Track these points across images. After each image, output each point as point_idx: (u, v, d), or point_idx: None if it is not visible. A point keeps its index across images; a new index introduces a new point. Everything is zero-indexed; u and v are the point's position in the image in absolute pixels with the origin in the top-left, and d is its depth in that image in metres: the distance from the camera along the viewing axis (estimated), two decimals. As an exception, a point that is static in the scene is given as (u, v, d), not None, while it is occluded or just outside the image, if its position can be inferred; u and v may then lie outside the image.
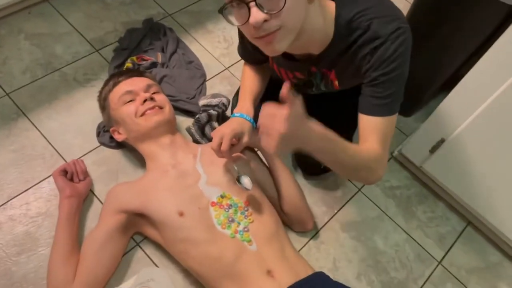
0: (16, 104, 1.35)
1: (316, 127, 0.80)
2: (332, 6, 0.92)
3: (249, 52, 1.14)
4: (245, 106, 1.15)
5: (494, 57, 1.06)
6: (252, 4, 0.78)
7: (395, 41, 0.88)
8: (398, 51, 0.88)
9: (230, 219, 1.07)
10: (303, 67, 1.05)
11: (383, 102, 0.93)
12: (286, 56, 1.04)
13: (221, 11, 0.83)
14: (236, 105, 1.36)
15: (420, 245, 1.33)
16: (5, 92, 1.36)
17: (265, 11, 0.78)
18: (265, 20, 0.79)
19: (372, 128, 0.94)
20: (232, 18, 0.83)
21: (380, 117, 0.93)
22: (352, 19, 0.90)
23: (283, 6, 0.77)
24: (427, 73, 1.45)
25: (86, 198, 1.20)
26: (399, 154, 1.46)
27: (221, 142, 1.05)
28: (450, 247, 1.35)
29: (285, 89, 0.73)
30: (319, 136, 0.81)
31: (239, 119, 1.11)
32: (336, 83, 1.06)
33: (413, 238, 1.34)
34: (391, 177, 1.45)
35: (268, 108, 0.75)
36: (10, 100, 1.35)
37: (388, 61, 0.89)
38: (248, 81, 1.21)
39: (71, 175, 1.19)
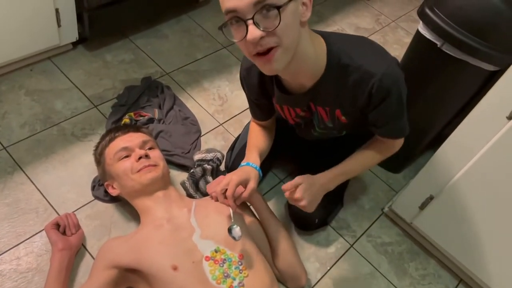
0: (13, 157, 1.36)
1: (324, 178, 1.12)
2: (322, 42, 1.00)
3: (256, 104, 1.21)
4: (252, 157, 1.17)
5: (479, 117, 1.11)
6: (250, 22, 0.84)
7: (390, 75, 0.98)
8: (395, 83, 1.00)
9: (225, 274, 1.07)
10: (301, 102, 1.11)
11: (394, 126, 1.11)
12: (282, 90, 1.10)
13: (221, 28, 0.89)
14: (230, 160, 1.40)
15: (414, 303, 1.33)
16: (2, 146, 1.38)
17: (261, 28, 0.84)
18: (262, 37, 0.85)
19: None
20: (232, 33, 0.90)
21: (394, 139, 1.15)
22: (343, 56, 0.98)
23: (278, 24, 0.84)
24: (415, 132, 1.51)
25: (78, 251, 1.19)
26: (390, 211, 1.48)
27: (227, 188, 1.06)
28: (444, 306, 1.34)
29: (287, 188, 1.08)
30: (330, 181, 1.12)
31: (246, 167, 1.12)
32: (344, 118, 1.11)
33: (406, 296, 1.34)
34: (382, 233, 1.47)
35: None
36: (7, 153, 1.37)
37: (388, 95, 1.00)
38: (255, 139, 1.26)
39: (64, 228, 1.19)
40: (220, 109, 1.70)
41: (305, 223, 1.36)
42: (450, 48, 1.22)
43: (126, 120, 1.50)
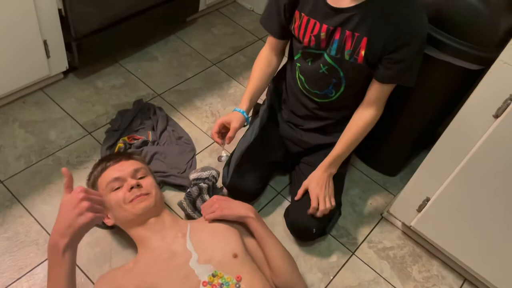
0: (10, 191, 1.38)
1: (323, 167, 1.34)
2: None
3: (277, 11, 1.26)
4: (243, 103, 1.34)
5: (466, 117, 1.12)
6: None
7: (424, 27, 1.13)
8: (424, 35, 1.14)
9: (223, 299, 1.06)
10: (336, 18, 1.16)
11: (403, 71, 1.18)
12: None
13: None
14: (227, 176, 1.42)
15: (419, 307, 1.32)
16: (-1, 180, 1.40)
17: None
18: None
19: (379, 95, 1.24)
20: None
21: (391, 84, 1.22)
22: None
23: None
24: (405, 133, 1.52)
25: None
26: (389, 214, 1.49)
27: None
28: (450, 307, 1.34)
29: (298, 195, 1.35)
30: (331, 166, 1.34)
31: (234, 112, 1.32)
32: (363, 53, 1.17)
33: (411, 300, 1.34)
34: (383, 238, 1.47)
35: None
36: (5, 187, 1.38)
37: (415, 39, 1.13)
38: (256, 81, 1.37)
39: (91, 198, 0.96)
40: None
41: (303, 234, 1.36)
42: (432, 50, 1.23)
43: (120, 144, 1.52)
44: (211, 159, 1.61)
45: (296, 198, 1.37)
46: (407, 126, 1.49)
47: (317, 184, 1.33)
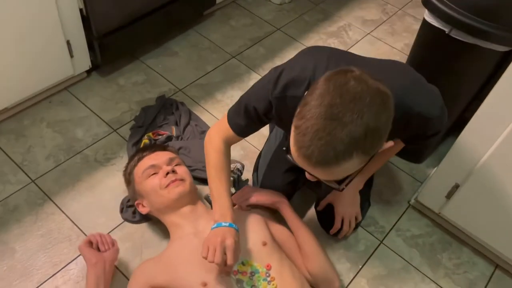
0: (42, 189, 1.41)
1: (352, 190, 1.29)
2: None
3: (253, 120, 1.11)
4: (229, 213, 1.12)
5: (497, 100, 1.09)
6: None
7: (442, 118, 1.05)
8: (442, 124, 1.06)
9: (254, 286, 1.08)
10: None
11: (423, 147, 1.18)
12: None
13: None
14: (258, 182, 1.40)
15: (451, 294, 1.31)
16: (30, 179, 1.43)
17: None
18: None
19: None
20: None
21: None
22: (402, 107, 0.94)
23: None
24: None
25: (114, 267, 1.20)
26: (416, 202, 1.47)
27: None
28: (482, 293, 1.32)
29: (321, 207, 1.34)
30: (358, 182, 1.29)
31: (232, 230, 1.08)
32: None
33: None
34: (411, 226, 1.45)
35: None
36: (36, 186, 1.42)
37: (434, 134, 1.06)
38: (223, 170, 1.18)
39: (96, 245, 1.19)
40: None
41: (336, 233, 1.36)
42: (459, 34, 1.21)
43: (145, 140, 1.53)
44: (234, 152, 1.61)
45: (319, 209, 1.36)
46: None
47: (343, 206, 1.30)
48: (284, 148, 0.92)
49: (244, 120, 1.12)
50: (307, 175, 0.92)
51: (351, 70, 0.82)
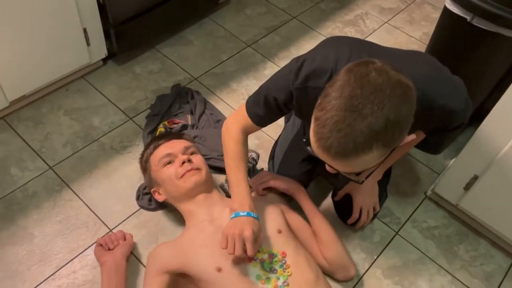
0: (59, 176, 1.43)
1: (371, 180, 1.27)
2: None
3: (272, 109, 1.10)
4: (248, 202, 1.11)
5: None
6: None
7: (466, 111, 1.02)
8: (466, 117, 1.04)
9: (269, 273, 1.08)
10: None
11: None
12: None
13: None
14: (273, 171, 1.40)
15: (467, 286, 1.29)
16: (48, 166, 1.45)
17: None
18: None
19: None
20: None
21: None
22: (426, 99, 0.92)
23: None
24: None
25: (128, 259, 1.22)
26: (433, 193, 1.45)
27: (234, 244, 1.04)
28: (499, 286, 1.30)
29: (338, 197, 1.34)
30: (377, 178, 1.29)
31: (251, 219, 1.08)
32: None
33: (458, 280, 1.31)
34: (428, 217, 1.44)
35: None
36: (54, 173, 1.44)
37: (458, 121, 1.04)
38: (241, 160, 1.17)
39: (106, 245, 1.22)
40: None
41: (353, 223, 1.35)
42: (481, 22, 1.18)
43: (161, 129, 1.54)
44: (249, 141, 1.59)
45: (336, 199, 1.36)
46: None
47: (362, 197, 1.30)
48: (304, 140, 0.91)
49: (263, 110, 1.12)
50: (327, 167, 0.91)
51: (372, 61, 0.81)
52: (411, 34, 2.09)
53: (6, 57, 1.39)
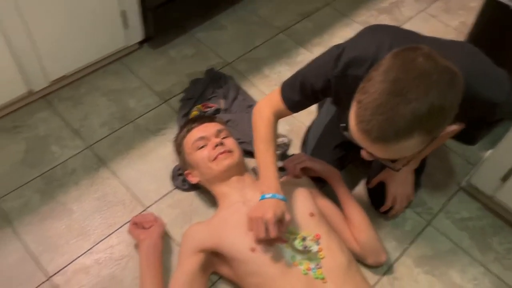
0: (97, 155, 1.47)
1: (407, 169, 1.27)
2: None
3: (307, 95, 1.10)
4: (275, 184, 1.10)
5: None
6: None
7: (510, 102, 0.98)
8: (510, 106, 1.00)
9: (301, 256, 1.10)
10: None
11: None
12: None
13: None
14: (306, 153, 1.40)
15: (500, 279, 1.28)
16: (87, 144, 1.49)
17: None
18: None
19: None
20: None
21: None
22: (467, 90, 0.91)
23: None
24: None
25: (163, 239, 1.25)
26: (468, 185, 1.43)
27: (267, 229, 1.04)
28: (534, 280, 1.28)
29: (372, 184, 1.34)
30: (412, 167, 1.28)
31: (275, 201, 1.07)
32: None
33: (491, 272, 1.29)
34: (461, 209, 1.42)
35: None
36: (92, 151, 1.48)
37: (501, 114, 1.02)
38: (271, 142, 1.15)
39: (141, 224, 1.25)
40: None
41: (386, 212, 1.35)
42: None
43: (195, 112, 1.56)
44: (280, 126, 1.60)
45: (370, 186, 1.36)
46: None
47: (396, 185, 1.29)
48: (342, 125, 0.91)
49: (298, 96, 1.12)
50: (363, 153, 0.91)
51: (420, 47, 0.80)
52: (448, 23, 2.04)
53: (48, 38, 1.43)
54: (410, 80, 0.76)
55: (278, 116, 1.19)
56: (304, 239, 1.12)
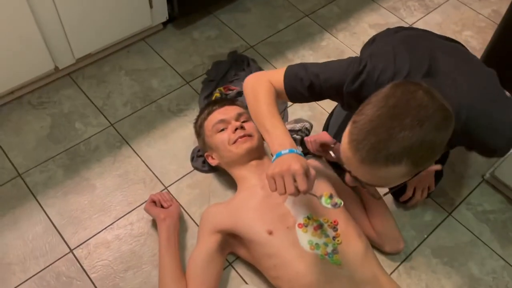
0: (120, 133, 1.49)
1: None
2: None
3: (320, 92, 1.04)
4: (288, 140, 0.98)
5: None
6: None
7: (509, 146, 0.99)
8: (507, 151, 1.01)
9: (319, 240, 1.10)
10: None
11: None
12: None
13: None
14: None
15: (521, 273, 1.26)
16: (110, 123, 1.52)
17: None
18: None
19: None
20: None
21: None
22: (468, 129, 0.93)
23: None
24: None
25: (180, 219, 1.27)
26: (491, 177, 1.40)
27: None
28: (555, 277, 1.26)
29: None
30: None
31: (295, 155, 0.94)
32: None
33: (511, 265, 1.27)
34: (484, 201, 1.40)
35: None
36: (114, 130, 1.50)
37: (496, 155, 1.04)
38: (276, 108, 1.04)
39: (159, 203, 1.27)
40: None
41: (406, 201, 1.34)
42: None
43: (216, 94, 1.56)
44: (302, 112, 1.61)
45: None
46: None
47: (419, 176, 1.22)
48: (332, 146, 0.90)
49: (303, 91, 1.04)
50: (347, 177, 0.91)
51: (420, 83, 0.83)
52: (479, 10, 1.98)
53: (74, 16, 1.44)
54: (409, 108, 0.78)
55: (276, 93, 1.07)
56: (322, 227, 1.12)
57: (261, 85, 1.06)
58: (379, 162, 0.79)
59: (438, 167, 0.88)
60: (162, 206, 1.27)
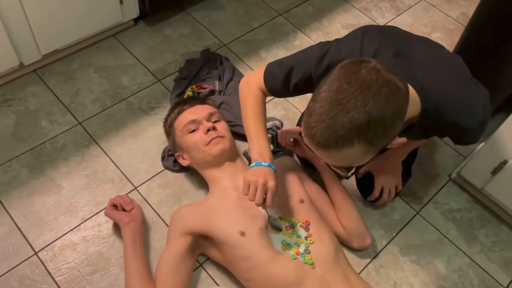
0: (88, 132, 1.46)
1: (391, 162, 1.30)
2: (417, 102, 0.93)
3: (297, 84, 1.08)
4: (268, 153, 1.10)
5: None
6: None
7: (479, 131, 1.01)
8: (481, 133, 1.03)
9: (290, 241, 1.10)
10: None
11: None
12: None
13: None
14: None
15: (485, 270, 1.30)
16: (77, 121, 1.48)
17: None
18: None
19: None
20: None
21: None
22: (438, 113, 0.94)
23: None
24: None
25: (142, 222, 1.24)
26: (458, 176, 1.44)
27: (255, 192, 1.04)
28: (517, 273, 1.30)
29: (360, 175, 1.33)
30: (401, 158, 1.31)
31: (272, 171, 1.07)
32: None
33: (476, 263, 1.31)
34: (450, 200, 1.43)
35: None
36: (83, 128, 1.46)
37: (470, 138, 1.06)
38: (261, 115, 1.14)
39: (121, 206, 1.23)
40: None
41: (375, 201, 1.35)
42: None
43: (188, 93, 1.55)
44: (275, 111, 1.61)
45: (359, 176, 1.36)
46: (492, 86, 1.40)
47: (384, 175, 1.30)
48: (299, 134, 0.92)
49: (281, 87, 1.11)
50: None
51: (366, 60, 0.83)
52: (448, 13, 2.02)
53: (41, 10, 1.39)
54: (351, 91, 0.79)
55: (264, 93, 1.16)
56: (294, 228, 1.12)
57: (249, 92, 1.14)
58: (332, 146, 0.81)
59: (403, 140, 0.89)
60: (123, 209, 1.23)
